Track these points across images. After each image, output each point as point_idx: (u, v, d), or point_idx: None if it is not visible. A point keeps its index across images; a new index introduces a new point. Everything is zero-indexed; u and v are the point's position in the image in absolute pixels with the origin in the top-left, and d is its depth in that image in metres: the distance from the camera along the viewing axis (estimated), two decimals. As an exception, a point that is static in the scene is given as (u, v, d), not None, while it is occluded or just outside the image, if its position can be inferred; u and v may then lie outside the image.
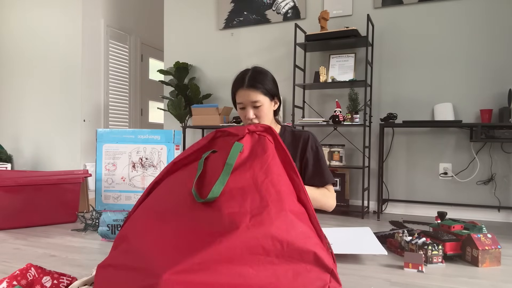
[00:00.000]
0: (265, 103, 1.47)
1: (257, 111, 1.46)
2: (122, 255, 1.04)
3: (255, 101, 1.45)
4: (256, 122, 1.46)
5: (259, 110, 1.46)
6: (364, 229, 2.24)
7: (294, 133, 1.59)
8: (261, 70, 1.52)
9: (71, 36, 4.45)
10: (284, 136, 1.58)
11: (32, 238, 2.23)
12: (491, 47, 2.97)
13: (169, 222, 1.06)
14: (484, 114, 2.85)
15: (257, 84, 1.46)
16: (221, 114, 3.59)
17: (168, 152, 2.84)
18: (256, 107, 1.46)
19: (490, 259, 1.80)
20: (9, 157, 4.68)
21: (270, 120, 1.52)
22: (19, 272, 1.30)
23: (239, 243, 0.94)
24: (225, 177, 1.09)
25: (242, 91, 1.48)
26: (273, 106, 1.54)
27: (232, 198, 1.05)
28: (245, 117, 1.49)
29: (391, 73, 3.26)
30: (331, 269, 1.06)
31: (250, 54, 3.78)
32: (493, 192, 2.96)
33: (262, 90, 1.46)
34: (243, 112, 1.49)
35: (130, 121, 5.21)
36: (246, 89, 1.46)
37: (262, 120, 1.47)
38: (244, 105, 1.48)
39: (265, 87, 1.47)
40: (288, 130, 1.61)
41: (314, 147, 1.55)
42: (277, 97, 1.54)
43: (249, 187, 1.07)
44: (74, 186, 2.69)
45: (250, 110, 1.46)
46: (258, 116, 1.47)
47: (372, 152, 3.28)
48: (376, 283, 1.56)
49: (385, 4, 3.26)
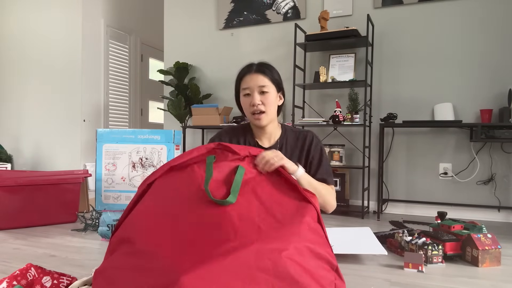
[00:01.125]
0: (272, 92, 1.42)
1: (263, 98, 1.40)
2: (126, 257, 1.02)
3: (262, 85, 1.39)
4: (262, 109, 1.40)
5: (266, 97, 1.40)
6: (364, 229, 2.24)
7: (296, 133, 1.56)
8: (269, 63, 1.51)
9: (71, 36, 4.45)
10: (286, 137, 1.55)
11: (32, 238, 2.23)
12: (491, 47, 2.97)
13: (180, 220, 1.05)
14: (484, 114, 2.85)
15: (265, 70, 1.43)
16: (221, 114, 3.59)
17: (168, 152, 2.84)
18: (263, 92, 1.40)
19: (490, 259, 1.80)
20: (9, 157, 4.68)
21: (273, 115, 1.46)
22: (19, 272, 1.29)
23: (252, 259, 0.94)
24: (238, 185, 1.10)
25: (249, 76, 1.43)
26: (278, 101, 1.48)
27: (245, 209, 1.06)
28: (250, 104, 1.42)
29: (391, 73, 3.26)
30: (336, 266, 1.07)
31: (250, 54, 3.78)
32: (493, 192, 2.96)
33: (270, 77, 1.42)
34: (248, 100, 1.42)
35: (130, 121, 5.21)
36: (254, 73, 1.42)
37: (267, 109, 1.40)
38: (250, 91, 1.42)
39: (273, 75, 1.44)
40: (289, 130, 1.58)
41: (319, 147, 1.53)
42: (282, 92, 1.51)
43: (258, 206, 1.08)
44: (74, 186, 2.69)
45: (256, 95, 1.39)
46: (264, 103, 1.39)
47: (372, 152, 3.28)
48: (376, 283, 1.56)
49: (385, 4, 3.26)
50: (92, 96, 4.57)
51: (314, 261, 0.99)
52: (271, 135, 1.53)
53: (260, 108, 1.41)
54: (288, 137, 1.55)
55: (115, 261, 1.03)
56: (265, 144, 1.54)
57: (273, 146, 1.53)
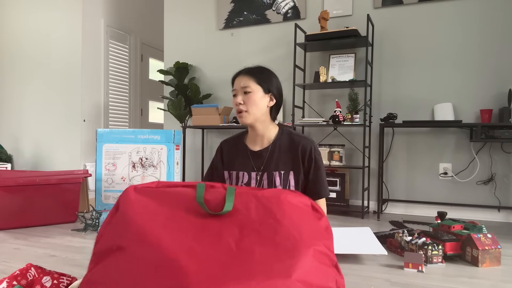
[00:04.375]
0: (256, 92, 1.44)
1: (246, 98, 1.44)
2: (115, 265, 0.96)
3: (245, 86, 1.44)
4: (243, 108, 1.44)
5: (248, 97, 1.44)
6: (364, 229, 2.24)
7: (293, 138, 1.51)
8: (265, 67, 1.52)
9: (71, 36, 4.45)
10: (281, 139, 1.51)
11: (32, 238, 2.23)
12: (491, 47, 2.97)
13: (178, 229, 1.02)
14: (484, 114, 2.85)
15: (252, 72, 1.46)
16: (221, 114, 3.59)
17: (168, 152, 2.84)
18: (246, 93, 1.44)
19: (490, 259, 1.80)
20: (9, 157, 4.68)
21: (257, 115, 1.46)
22: (19, 272, 1.30)
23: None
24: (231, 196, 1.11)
25: (237, 78, 1.49)
26: (268, 102, 1.48)
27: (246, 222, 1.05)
28: (234, 103, 1.48)
29: (391, 73, 3.26)
30: (335, 262, 1.08)
31: (250, 54, 3.78)
32: (493, 192, 2.96)
33: (256, 79, 1.45)
34: (234, 100, 1.49)
35: (130, 121, 5.21)
36: (241, 75, 1.48)
37: (249, 108, 1.43)
38: (236, 92, 1.48)
39: (260, 77, 1.46)
40: (286, 133, 1.53)
41: (317, 159, 1.48)
42: (273, 93, 1.50)
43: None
44: (74, 186, 2.69)
45: (239, 96, 1.45)
46: (246, 103, 1.44)
47: (372, 152, 3.28)
48: (376, 283, 1.56)
49: (385, 4, 3.26)
50: (92, 96, 4.57)
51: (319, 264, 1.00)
52: (263, 137, 1.52)
53: (241, 107, 1.44)
54: (282, 139, 1.51)
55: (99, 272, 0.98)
56: (256, 147, 1.53)
57: (264, 149, 1.51)
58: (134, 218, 1.05)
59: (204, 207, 1.08)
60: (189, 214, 1.08)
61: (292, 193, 1.16)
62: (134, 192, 1.14)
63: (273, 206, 1.09)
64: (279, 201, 1.11)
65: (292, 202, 1.12)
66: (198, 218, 1.07)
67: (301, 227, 1.05)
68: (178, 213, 1.08)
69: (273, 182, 1.47)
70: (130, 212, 1.07)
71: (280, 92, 1.54)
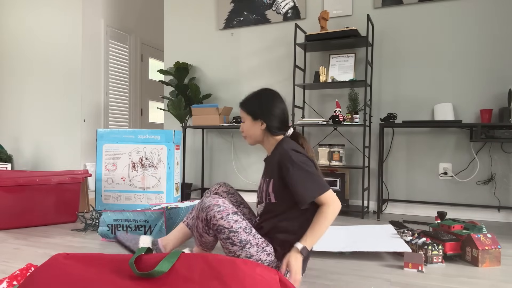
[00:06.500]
0: (247, 121, 1.64)
1: (242, 126, 1.67)
2: None
3: (241, 117, 1.69)
4: (243, 135, 1.68)
5: (243, 126, 1.67)
6: (385, 226, 2.26)
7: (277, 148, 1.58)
8: (258, 92, 1.65)
9: (71, 36, 4.45)
10: (274, 154, 1.58)
11: (32, 238, 2.23)
12: (491, 47, 2.97)
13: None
14: (484, 114, 2.85)
15: (243, 103, 1.67)
16: (221, 114, 3.59)
17: (168, 152, 2.84)
18: (243, 122, 1.67)
19: (490, 259, 1.80)
20: (9, 157, 4.69)
21: (256, 137, 1.63)
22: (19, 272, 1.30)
23: None
24: (173, 257, 1.03)
25: None
26: (259, 126, 1.60)
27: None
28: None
29: (391, 73, 3.26)
30: None
31: (250, 54, 3.78)
32: (493, 192, 2.96)
33: (245, 109, 1.64)
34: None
35: (130, 121, 5.21)
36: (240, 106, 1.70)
37: (247, 134, 1.65)
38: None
39: (247, 107, 1.63)
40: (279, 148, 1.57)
41: (287, 165, 1.48)
42: (262, 118, 1.58)
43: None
44: (74, 186, 2.69)
45: (241, 124, 1.69)
46: (243, 130, 1.67)
47: (372, 152, 3.28)
48: (376, 283, 1.56)
49: (385, 4, 3.26)
50: (92, 96, 4.57)
51: None
52: (268, 149, 1.68)
53: (243, 134, 1.69)
54: (274, 153, 1.58)
55: None
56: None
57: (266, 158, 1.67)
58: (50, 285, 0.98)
59: (133, 268, 1.01)
60: (117, 276, 1.01)
61: (254, 264, 1.08)
62: (63, 259, 1.09)
63: (223, 269, 1.02)
64: (233, 266, 1.03)
65: (249, 272, 1.03)
66: (126, 280, 0.99)
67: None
68: (104, 275, 1.01)
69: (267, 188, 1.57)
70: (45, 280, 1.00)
71: (272, 112, 1.59)
